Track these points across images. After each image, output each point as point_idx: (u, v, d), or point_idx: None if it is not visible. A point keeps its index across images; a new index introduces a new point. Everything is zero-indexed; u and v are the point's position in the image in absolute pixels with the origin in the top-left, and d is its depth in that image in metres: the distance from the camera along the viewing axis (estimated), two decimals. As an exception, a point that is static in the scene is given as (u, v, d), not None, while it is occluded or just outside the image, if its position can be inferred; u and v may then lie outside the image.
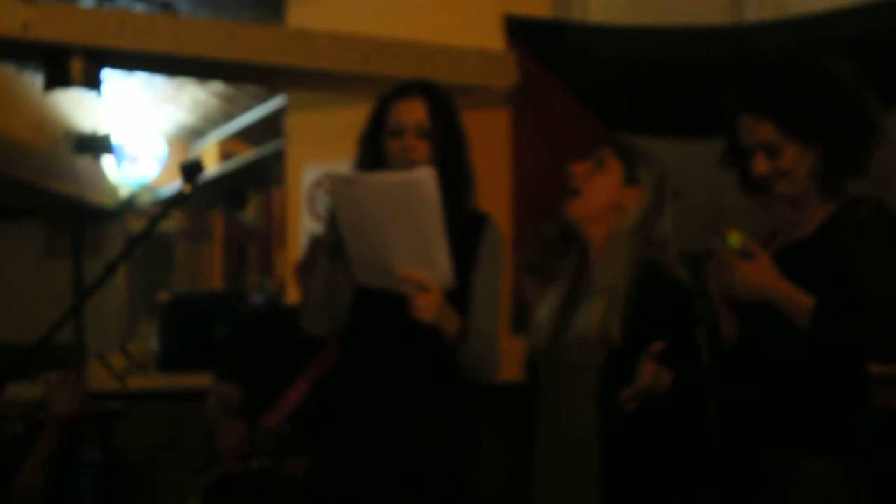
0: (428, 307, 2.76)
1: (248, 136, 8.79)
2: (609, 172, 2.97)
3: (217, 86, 7.71)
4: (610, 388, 2.76)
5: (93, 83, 5.12)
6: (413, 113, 2.97)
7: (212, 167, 8.92)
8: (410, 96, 2.99)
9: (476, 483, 3.06)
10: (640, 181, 2.98)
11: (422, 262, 2.75)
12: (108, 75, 5.46)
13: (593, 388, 2.82)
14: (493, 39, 5.59)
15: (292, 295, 5.41)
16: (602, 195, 2.96)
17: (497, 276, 3.04)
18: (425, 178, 2.67)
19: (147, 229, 3.47)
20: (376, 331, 2.99)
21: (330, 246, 2.99)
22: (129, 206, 8.76)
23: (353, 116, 3.17)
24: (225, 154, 9.36)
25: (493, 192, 5.33)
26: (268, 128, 7.95)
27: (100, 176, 8.21)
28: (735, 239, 2.63)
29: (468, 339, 2.88)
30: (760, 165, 2.67)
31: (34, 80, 6.54)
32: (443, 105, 3.00)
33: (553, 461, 2.90)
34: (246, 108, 8.22)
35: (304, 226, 5.88)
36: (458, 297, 2.88)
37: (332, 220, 2.96)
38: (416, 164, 2.90)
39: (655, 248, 2.95)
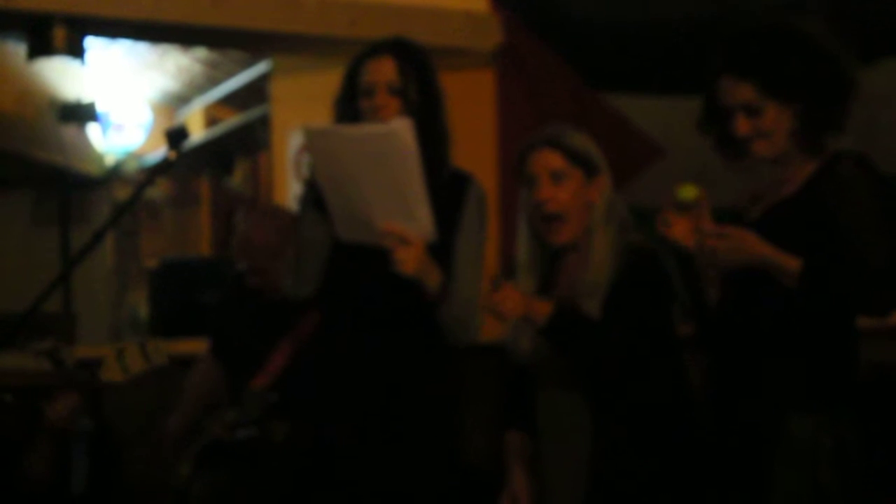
0: (409, 260, 2.76)
1: (233, 101, 8.73)
2: (571, 180, 2.94)
3: (201, 52, 7.66)
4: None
5: (76, 51, 5.10)
6: (383, 71, 2.95)
7: (197, 133, 8.87)
8: (380, 55, 2.98)
9: (462, 442, 3.07)
10: (598, 169, 2.96)
11: (402, 215, 2.75)
12: (92, 43, 5.44)
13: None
14: (478, 1, 5.57)
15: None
16: (579, 206, 2.94)
17: (480, 237, 3.03)
18: (402, 128, 2.68)
19: (133, 197, 3.45)
20: (359, 288, 2.99)
21: (309, 201, 3.00)
22: (115, 173, 8.72)
23: (338, 80, 3.16)
24: (210, 120, 9.31)
25: (480, 154, 5.35)
26: (253, 93, 7.91)
27: (85, 144, 8.18)
28: (689, 192, 2.64)
29: (449, 296, 2.88)
30: (742, 126, 2.68)
31: (17, 49, 6.49)
32: (414, 62, 2.98)
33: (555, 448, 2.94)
34: (231, 73, 8.17)
35: (292, 190, 5.88)
36: (441, 257, 2.88)
37: (313, 176, 2.96)
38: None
39: (628, 228, 2.94)
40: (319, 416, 3.05)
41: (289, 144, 5.95)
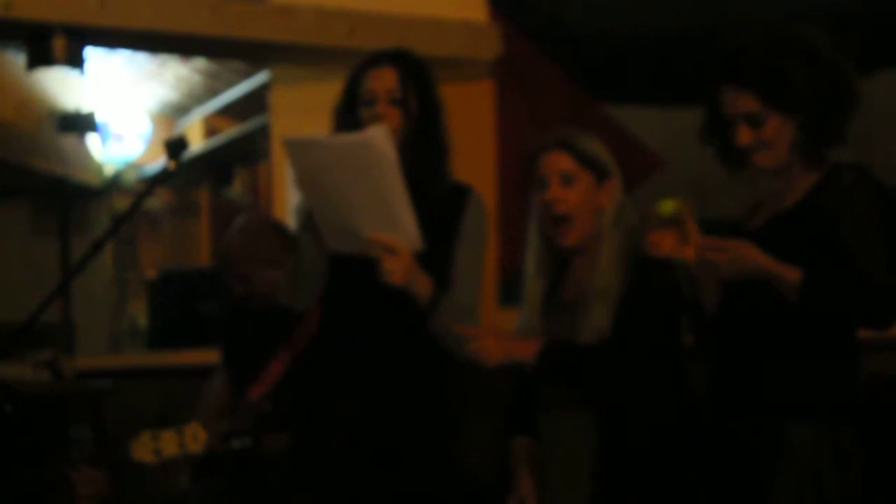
0: (397, 270, 2.74)
1: (232, 111, 8.74)
2: (581, 183, 2.94)
3: (200, 62, 7.67)
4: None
5: (75, 61, 5.11)
6: (384, 81, 2.94)
7: (197, 144, 8.87)
8: (381, 65, 2.97)
9: (462, 454, 3.06)
10: (609, 173, 2.96)
11: (387, 225, 2.74)
12: (91, 53, 5.45)
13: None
14: (477, 11, 5.58)
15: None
16: (587, 209, 2.94)
17: (479, 249, 3.02)
18: (377, 136, 2.66)
19: (133, 207, 3.45)
20: (354, 299, 2.98)
21: (304, 214, 3.00)
22: (114, 184, 8.72)
23: (337, 90, 3.16)
24: (210, 130, 9.32)
25: (479, 165, 5.35)
26: (252, 103, 7.91)
27: (85, 154, 8.18)
28: (666, 207, 2.63)
29: (441, 306, 2.86)
30: (744, 136, 2.68)
31: (17, 59, 6.50)
32: (415, 72, 2.98)
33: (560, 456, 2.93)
34: (230, 83, 8.18)
35: (291, 201, 5.87)
36: (438, 268, 2.87)
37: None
38: None
39: (638, 234, 2.93)
40: (316, 426, 3.04)
41: (288, 155, 5.94)
